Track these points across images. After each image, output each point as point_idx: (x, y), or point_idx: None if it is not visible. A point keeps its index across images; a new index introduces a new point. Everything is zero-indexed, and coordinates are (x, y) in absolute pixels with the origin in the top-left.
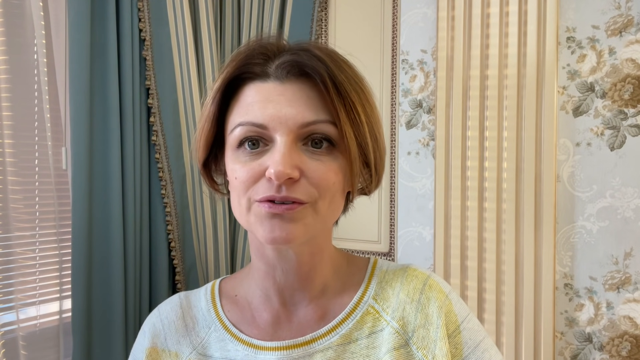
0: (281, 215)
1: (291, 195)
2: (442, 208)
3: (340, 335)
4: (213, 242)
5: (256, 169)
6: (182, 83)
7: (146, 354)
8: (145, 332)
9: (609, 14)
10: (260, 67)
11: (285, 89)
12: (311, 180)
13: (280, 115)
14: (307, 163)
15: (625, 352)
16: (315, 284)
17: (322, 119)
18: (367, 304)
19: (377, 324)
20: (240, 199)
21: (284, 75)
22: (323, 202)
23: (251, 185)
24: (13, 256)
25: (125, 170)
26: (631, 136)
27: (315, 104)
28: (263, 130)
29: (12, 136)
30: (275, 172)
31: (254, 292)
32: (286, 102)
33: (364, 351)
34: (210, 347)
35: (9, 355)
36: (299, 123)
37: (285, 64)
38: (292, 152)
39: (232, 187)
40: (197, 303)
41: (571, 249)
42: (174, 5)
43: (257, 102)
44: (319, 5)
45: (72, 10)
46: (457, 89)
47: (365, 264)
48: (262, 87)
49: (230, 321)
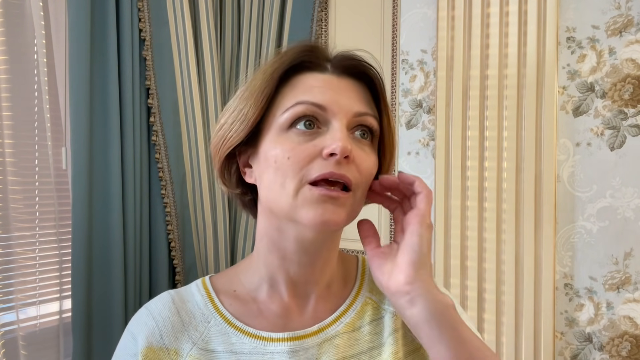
0: (335, 198)
1: (347, 174)
2: (442, 208)
3: (345, 324)
4: (213, 242)
5: (311, 149)
6: (182, 83)
7: (142, 356)
8: (135, 334)
9: (609, 14)
10: (320, 61)
11: (341, 82)
12: (358, 166)
13: (339, 100)
14: (355, 150)
15: (625, 352)
16: (326, 276)
17: (370, 112)
18: (365, 295)
19: (377, 312)
20: (288, 181)
21: (340, 71)
22: (360, 191)
23: (305, 165)
24: (13, 256)
25: (125, 170)
26: (631, 136)
27: (364, 99)
28: (321, 112)
29: (12, 136)
30: (340, 147)
31: (259, 285)
32: (342, 92)
33: (368, 337)
34: (212, 341)
35: (9, 355)
36: (354, 111)
37: (344, 62)
38: (347, 135)
39: (278, 170)
40: (191, 298)
41: (571, 249)
42: (174, 5)
43: (318, 87)
44: (319, 5)
45: (72, 10)
46: (457, 89)
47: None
48: (321, 77)
49: (233, 315)
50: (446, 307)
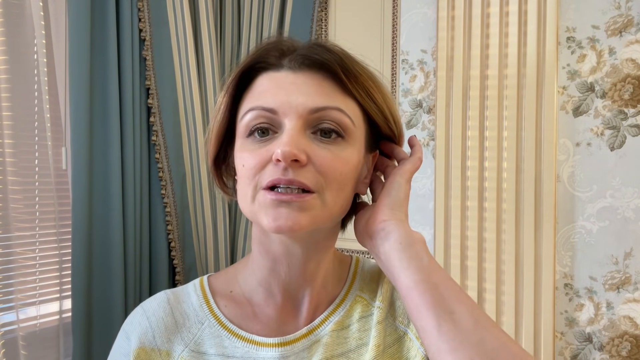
0: (288, 203)
1: (297, 179)
2: (442, 208)
3: (334, 323)
4: (213, 242)
5: (263, 154)
6: (182, 83)
7: (134, 356)
8: (129, 334)
9: (609, 14)
10: (274, 59)
11: (297, 78)
12: (318, 167)
13: (291, 101)
14: (315, 150)
15: (625, 352)
16: (318, 279)
17: (332, 105)
18: (355, 294)
19: (366, 310)
20: (246, 187)
21: (297, 66)
22: (330, 192)
23: (258, 171)
24: (13, 256)
25: (125, 170)
26: (631, 136)
27: (326, 92)
28: (273, 115)
29: (12, 136)
30: (281, 152)
31: (254, 288)
32: (297, 90)
33: (357, 334)
34: (204, 344)
35: (9, 355)
36: (308, 108)
37: (298, 55)
38: (300, 136)
39: (240, 178)
40: (187, 298)
41: (571, 249)
42: (174, 5)
43: (269, 90)
44: (319, 5)
45: (72, 10)
46: (457, 89)
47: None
48: (275, 76)
49: (227, 317)
50: (416, 240)
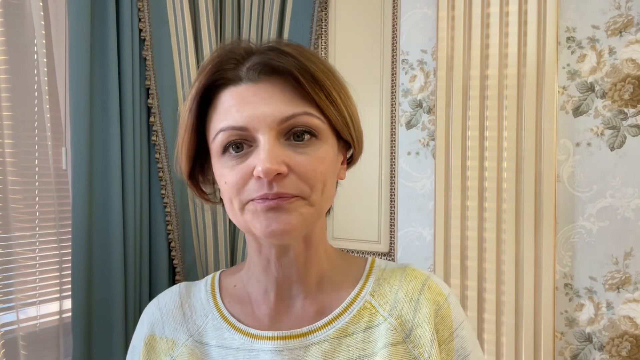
0: (276, 207)
1: (282, 191)
2: (442, 208)
3: (337, 329)
4: (213, 242)
5: (244, 170)
6: (182, 83)
7: (145, 342)
8: (144, 321)
9: (609, 14)
10: (232, 72)
11: (258, 89)
12: (300, 175)
13: (258, 114)
14: (293, 158)
15: (625, 352)
16: (311, 276)
17: (299, 111)
18: (365, 300)
19: (373, 319)
20: (233, 202)
21: (256, 76)
22: (316, 193)
23: (242, 187)
24: (13, 256)
25: (125, 170)
26: (631, 136)
27: (290, 99)
28: (244, 132)
29: (12, 136)
30: (263, 170)
31: (254, 285)
32: (261, 101)
33: (360, 345)
34: (207, 335)
35: (9, 355)
36: (277, 119)
37: (255, 65)
38: (276, 148)
39: (224, 193)
40: (197, 293)
41: (571, 249)
42: (174, 5)
43: (234, 106)
44: (319, 5)
45: (72, 10)
46: (457, 89)
47: (363, 262)
48: (236, 91)
49: (229, 312)
50: None
